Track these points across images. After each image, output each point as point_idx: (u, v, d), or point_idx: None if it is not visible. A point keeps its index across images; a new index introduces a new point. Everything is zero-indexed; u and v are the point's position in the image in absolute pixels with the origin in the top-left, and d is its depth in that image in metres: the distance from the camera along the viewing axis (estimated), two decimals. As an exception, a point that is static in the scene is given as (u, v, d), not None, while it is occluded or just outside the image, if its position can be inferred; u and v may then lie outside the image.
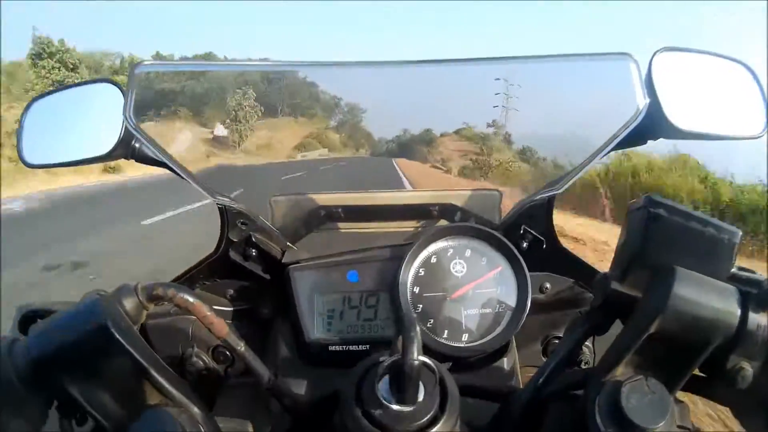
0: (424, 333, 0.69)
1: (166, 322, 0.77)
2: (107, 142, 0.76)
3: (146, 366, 0.50)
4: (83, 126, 0.81)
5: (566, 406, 0.52)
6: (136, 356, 0.49)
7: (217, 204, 0.77)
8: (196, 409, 0.51)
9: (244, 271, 0.80)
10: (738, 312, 0.43)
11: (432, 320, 0.72)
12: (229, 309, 0.82)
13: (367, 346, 0.74)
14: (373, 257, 0.77)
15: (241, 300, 0.83)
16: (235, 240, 0.79)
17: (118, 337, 0.48)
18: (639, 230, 0.48)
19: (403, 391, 0.46)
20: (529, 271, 0.74)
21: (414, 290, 0.73)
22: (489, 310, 0.73)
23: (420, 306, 0.73)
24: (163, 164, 0.75)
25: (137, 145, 0.78)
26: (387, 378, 0.47)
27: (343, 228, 0.96)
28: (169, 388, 0.51)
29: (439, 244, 0.76)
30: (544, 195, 0.77)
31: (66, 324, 0.50)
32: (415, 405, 0.46)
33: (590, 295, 0.80)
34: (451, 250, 0.75)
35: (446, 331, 0.72)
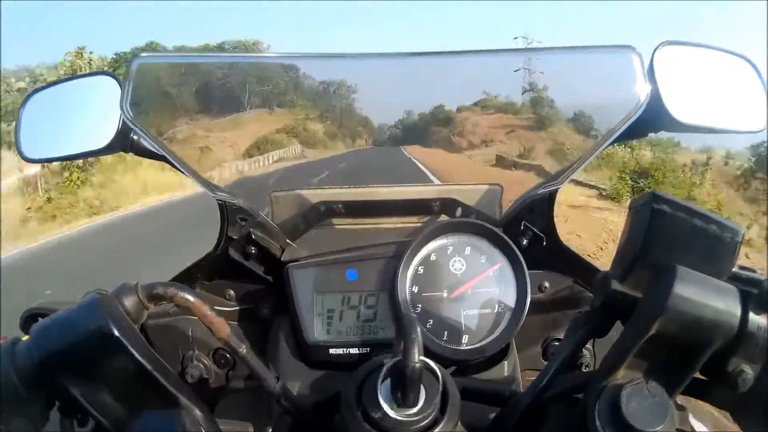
0: (424, 335, 0.69)
1: (165, 322, 0.76)
2: (105, 136, 0.75)
3: (147, 366, 0.49)
4: (81, 119, 0.80)
5: (567, 410, 0.52)
6: (137, 356, 0.49)
7: (217, 200, 0.76)
8: (197, 411, 0.51)
9: (244, 270, 0.80)
10: (738, 313, 0.43)
11: (431, 320, 0.72)
12: (229, 309, 0.82)
13: (368, 349, 0.73)
14: (371, 255, 0.76)
15: (241, 300, 0.82)
16: (235, 237, 0.78)
17: (119, 336, 0.48)
18: (642, 227, 0.47)
19: (404, 394, 0.46)
20: (529, 269, 0.74)
21: (413, 289, 0.73)
22: (488, 310, 0.73)
23: (419, 306, 0.73)
24: (161, 157, 0.75)
25: (135, 137, 0.77)
26: (388, 381, 0.47)
27: (343, 224, 0.95)
28: (170, 388, 0.50)
29: (439, 242, 0.75)
30: (545, 190, 0.77)
31: (67, 323, 0.49)
32: (417, 408, 0.46)
33: (590, 294, 0.79)
34: (451, 248, 0.75)
35: (446, 333, 0.72)
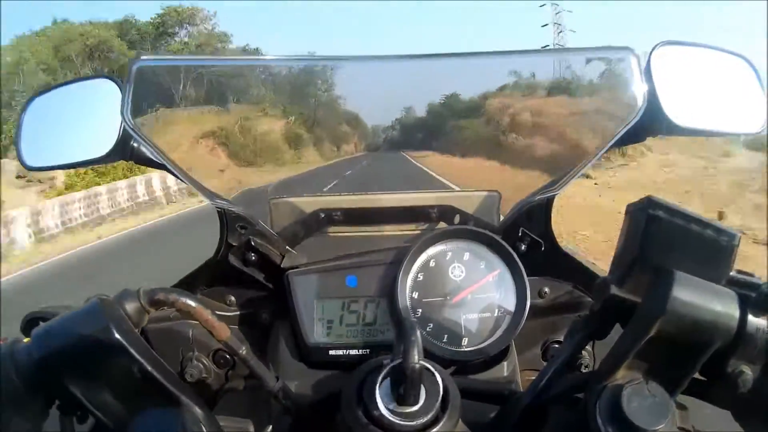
0: (424, 338, 0.69)
1: (166, 326, 0.76)
2: (106, 143, 0.75)
3: (147, 366, 0.50)
4: (82, 125, 0.80)
5: (567, 410, 0.52)
6: (137, 356, 0.49)
7: (216, 207, 0.76)
8: (197, 409, 0.51)
9: (244, 277, 0.80)
10: (737, 315, 0.44)
11: (431, 325, 0.72)
12: (230, 314, 0.82)
13: (368, 350, 0.73)
14: (371, 262, 0.76)
15: (242, 306, 0.82)
16: (235, 244, 0.78)
17: (119, 337, 0.48)
18: (638, 232, 0.48)
19: (404, 395, 0.46)
20: (528, 275, 0.74)
21: (413, 295, 0.73)
22: (488, 315, 0.73)
23: (419, 311, 0.73)
24: (161, 165, 0.75)
25: (136, 145, 0.76)
26: (388, 381, 0.47)
27: (343, 231, 0.95)
28: (170, 387, 0.51)
29: (438, 248, 0.75)
30: (543, 196, 0.77)
31: (68, 325, 0.50)
32: (416, 408, 0.46)
33: (589, 299, 0.80)
34: (450, 254, 0.75)
35: (446, 336, 0.72)
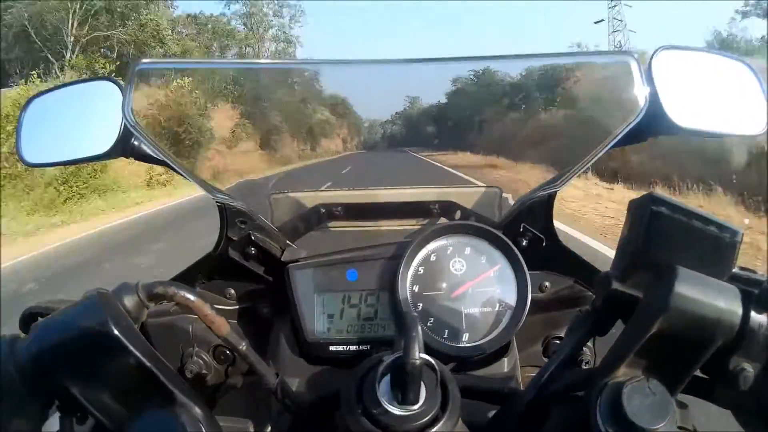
0: (424, 332, 0.69)
1: (165, 321, 0.76)
2: (106, 141, 0.76)
3: (147, 364, 0.49)
4: (82, 124, 0.80)
5: (567, 407, 0.51)
6: (137, 354, 0.49)
7: (216, 202, 0.77)
8: (197, 409, 0.51)
9: (244, 270, 0.80)
10: (740, 312, 0.43)
11: (432, 319, 0.72)
12: (229, 308, 0.82)
13: (368, 346, 0.73)
14: (372, 255, 0.76)
15: (241, 299, 0.82)
16: (235, 239, 0.78)
17: (118, 334, 0.48)
18: (640, 228, 0.47)
19: (404, 391, 0.46)
20: (529, 269, 0.74)
21: (413, 289, 0.73)
22: (489, 310, 0.73)
23: (420, 305, 0.73)
24: (161, 162, 0.75)
25: (136, 143, 0.77)
26: (388, 377, 0.47)
27: (343, 226, 0.95)
28: (170, 387, 0.50)
29: (439, 243, 0.75)
30: (545, 192, 0.77)
31: (66, 322, 0.49)
32: (417, 405, 0.46)
33: (590, 294, 0.80)
34: (451, 248, 0.75)
35: (446, 331, 0.72)
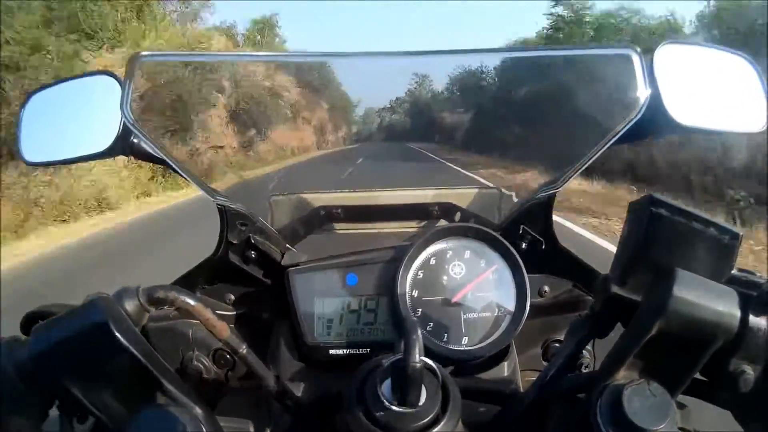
0: (424, 336, 0.69)
1: (165, 325, 0.76)
2: (106, 138, 0.75)
3: (147, 365, 0.49)
4: (82, 121, 0.79)
5: (568, 410, 0.52)
6: (138, 355, 0.49)
7: (217, 204, 0.76)
8: (198, 409, 0.51)
9: (244, 274, 0.79)
10: (739, 314, 0.43)
11: (431, 324, 0.72)
12: (229, 313, 0.81)
13: (368, 350, 0.73)
14: (371, 259, 0.76)
15: (241, 304, 0.82)
16: (235, 242, 0.78)
17: (118, 335, 0.48)
18: (640, 230, 0.47)
19: (405, 394, 0.46)
20: (528, 272, 0.73)
21: (413, 293, 0.73)
22: (488, 314, 0.73)
23: (419, 310, 0.72)
24: (161, 161, 0.75)
25: (136, 141, 0.76)
26: (389, 380, 0.47)
27: (343, 228, 0.95)
28: (170, 387, 0.50)
29: (438, 246, 0.75)
30: (544, 194, 0.77)
31: (67, 324, 0.49)
32: (417, 407, 0.46)
33: (589, 298, 0.79)
34: (450, 252, 0.75)
35: (446, 335, 0.72)
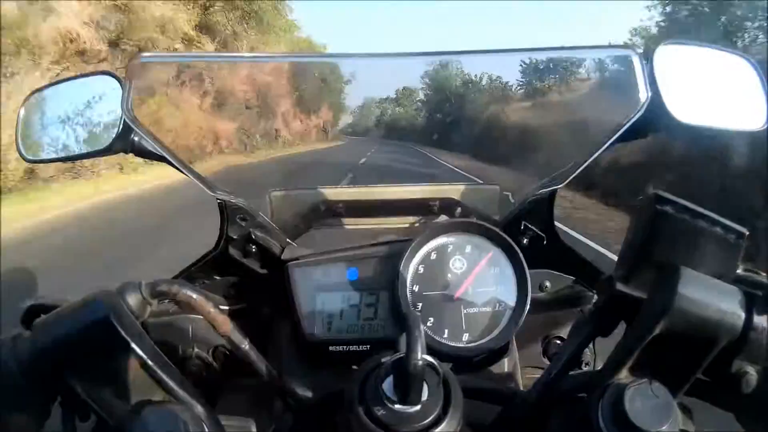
0: (425, 332, 0.69)
1: (166, 321, 0.76)
2: (106, 136, 0.75)
3: (149, 362, 0.49)
4: (82, 119, 0.79)
5: (570, 409, 0.51)
6: (139, 352, 0.49)
7: (217, 200, 0.76)
8: (199, 407, 0.51)
9: (244, 269, 0.79)
10: (743, 314, 0.43)
11: (432, 319, 0.72)
12: (230, 307, 0.81)
13: (368, 346, 0.73)
14: (372, 254, 0.76)
15: (241, 298, 0.82)
16: (235, 237, 0.78)
17: (121, 331, 0.48)
18: (645, 228, 0.47)
19: (406, 391, 0.46)
20: (530, 268, 0.73)
21: (414, 288, 0.72)
22: (489, 309, 0.72)
23: (420, 304, 0.72)
24: (161, 158, 0.75)
25: (136, 138, 0.76)
26: (391, 378, 0.47)
27: (344, 224, 0.94)
28: (171, 384, 0.50)
29: (439, 241, 0.74)
30: (546, 190, 0.77)
31: (69, 318, 0.49)
32: (419, 405, 0.46)
33: (591, 293, 0.79)
34: (451, 247, 0.74)
35: (446, 331, 0.71)
